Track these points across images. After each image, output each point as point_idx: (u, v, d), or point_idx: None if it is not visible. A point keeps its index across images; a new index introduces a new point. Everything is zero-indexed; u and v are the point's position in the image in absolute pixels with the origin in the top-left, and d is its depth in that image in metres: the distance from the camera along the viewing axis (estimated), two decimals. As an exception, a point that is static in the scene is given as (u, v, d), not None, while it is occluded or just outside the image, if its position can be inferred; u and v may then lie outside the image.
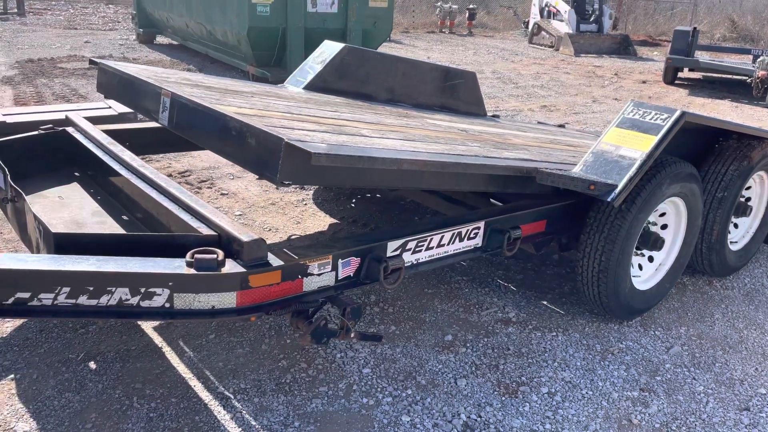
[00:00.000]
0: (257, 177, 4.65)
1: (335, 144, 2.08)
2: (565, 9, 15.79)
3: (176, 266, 1.78)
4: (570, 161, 2.90)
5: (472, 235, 2.47)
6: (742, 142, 3.16)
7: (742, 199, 3.37)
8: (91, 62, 3.23)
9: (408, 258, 2.26)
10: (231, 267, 1.82)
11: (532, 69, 11.83)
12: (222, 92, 2.82)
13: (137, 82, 2.77)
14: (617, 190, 2.43)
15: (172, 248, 1.88)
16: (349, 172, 2.06)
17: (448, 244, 2.40)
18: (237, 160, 2.11)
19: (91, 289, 1.72)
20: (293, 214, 3.95)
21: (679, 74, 10.96)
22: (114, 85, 3.04)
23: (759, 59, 9.33)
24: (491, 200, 3.15)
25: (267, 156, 1.89)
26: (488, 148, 2.95)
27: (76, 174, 2.86)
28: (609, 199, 2.43)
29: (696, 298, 3.20)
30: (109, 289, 1.73)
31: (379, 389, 2.34)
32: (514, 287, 3.18)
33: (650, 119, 2.63)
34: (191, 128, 2.36)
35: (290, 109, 2.77)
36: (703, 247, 3.17)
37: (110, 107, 5.12)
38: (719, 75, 10.97)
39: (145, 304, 1.76)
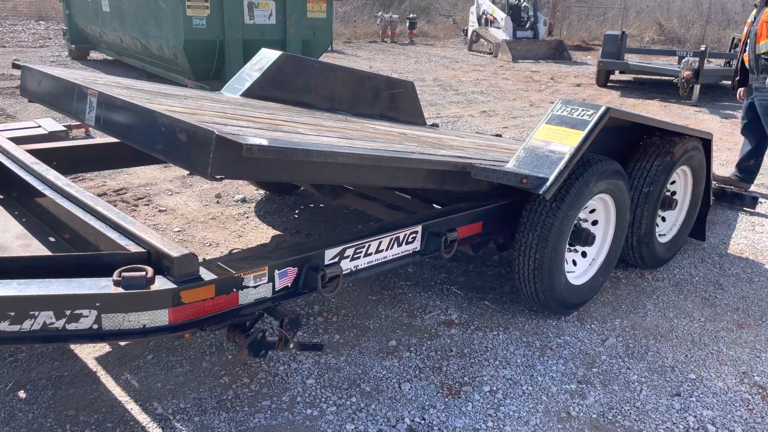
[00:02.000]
0: (188, 173, 4.58)
1: (269, 138, 2.06)
2: (501, 17, 16.22)
3: (103, 286, 1.72)
4: (504, 160, 2.98)
5: (410, 240, 2.50)
6: (664, 139, 3.31)
7: (668, 193, 3.53)
8: (15, 65, 3.12)
9: (347, 265, 2.27)
10: (161, 284, 1.78)
11: (472, 76, 12.07)
12: (154, 94, 2.77)
13: (62, 82, 2.68)
14: (548, 183, 2.51)
15: (99, 268, 1.82)
16: (284, 166, 2.04)
17: (387, 250, 2.42)
18: (168, 157, 2.06)
19: (12, 314, 1.65)
20: (234, 228, 3.90)
21: (611, 77, 11.40)
22: (39, 87, 2.94)
23: (684, 60, 9.80)
24: (434, 206, 3.19)
25: (198, 151, 1.85)
26: (426, 148, 2.99)
27: (0, 196, 2.75)
28: (540, 192, 2.50)
29: (629, 291, 3.32)
30: (31, 313, 1.66)
31: (323, 399, 2.33)
32: (457, 289, 3.22)
33: (577, 115, 2.73)
34: (119, 127, 2.29)
35: (225, 110, 2.74)
36: (633, 240, 3.30)
37: (40, 126, 4.95)
38: (648, 76, 11.47)
39: (71, 326, 1.70)
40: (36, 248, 2.31)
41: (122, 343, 2.57)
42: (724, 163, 6.08)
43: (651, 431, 2.26)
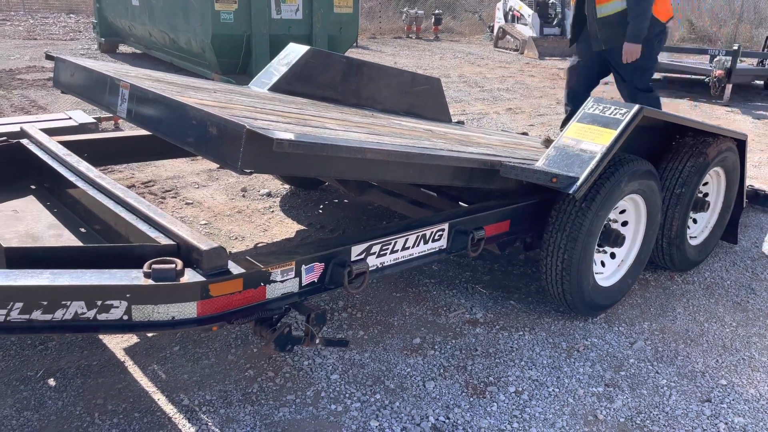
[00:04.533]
0: (219, 166, 4.62)
1: (299, 133, 2.06)
2: (528, 13, 16.04)
3: (133, 277, 1.74)
4: (533, 158, 2.94)
5: (436, 237, 2.48)
6: (698, 139, 3.24)
7: (700, 195, 3.46)
8: (48, 56, 3.17)
9: (373, 262, 2.26)
10: (190, 276, 1.79)
11: (497, 72, 11.97)
12: (184, 87, 2.79)
13: (95, 74, 2.71)
14: (578, 183, 2.47)
15: (130, 259, 1.84)
16: (313, 161, 2.04)
17: (413, 247, 2.40)
18: (198, 150, 2.07)
19: (45, 303, 1.67)
20: (260, 222, 3.92)
21: (640, 75, 11.17)
22: (71, 79, 2.98)
23: (716, 59, 9.58)
24: (460, 203, 3.17)
25: (228, 144, 1.86)
26: (453, 145, 2.97)
27: (32, 187, 2.79)
28: (571, 192, 2.47)
29: (658, 294, 3.26)
30: (63, 303, 1.68)
31: (347, 395, 2.32)
32: (482, 288, 3.20)
33: (610, 114, 2.69)
34: (150, 120, 2.31)
35: (254, 104, 2.75)
36: (663, 242, 3.23)
37: (70, 118, 5.04)
38: (678, 75, 11.24)
39: (102, 317, 1.72)
40: (67, 239, 2.35)
41: (149, 335, 2.60)
42: (757, 165, 5.95)
43: (680, 437, 2.21)
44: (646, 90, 4.66)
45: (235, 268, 1.88)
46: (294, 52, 3.89)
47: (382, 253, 2.29)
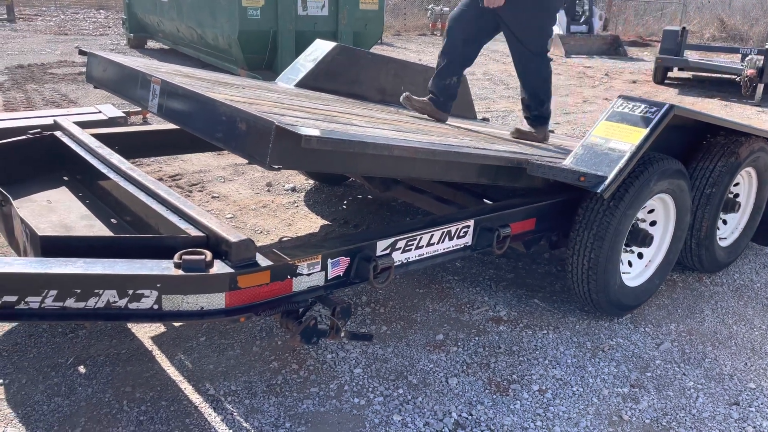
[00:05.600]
0: (247, 162, 4.67)
1: (327, 129, 2.08)
2: (555, 10, 15.85)
3: (164, 267, 1.77)
4: (560, 157, 2.92)
5: (461, 234, 2.47)
6: (729, 139, 3.18)
7: (731, 195, 3.39)
8: (81, 52, 3.24)
9: (398, 257, 2.26)
10: (219, 268, 1.82)
11: (523, 70, 11.85)
12: (212, 83, 2.83)
13: (127, 70, 2.76)
14: (606, 182, 2.44)
15: (160, 250, 1.88)
16: (340, 157, 2.05)
17: (438, 243, 2.40)
18: (227, 145, 2.10)
19: (79, 291, 1.71)
20: (284, 217, 3.95)
21: (669, 74, 11.01)
22: (103, 74, 3.04)
23: (747, 58, 9.38)
24: (484, 200, 3.16)
25: (257, 140, 1.88)
26: (479, 142, 2.96)
27: (65, 178, 2.85)
28: (598, 191, 2.44)
29: (686, 295, 3.21)
30: (96, 291, 1.72)
31: (370, 389, 2.34)
32: (505, 286, 3.18)
33: (639, 113, 2.65)
34: (180, 115, 2.35)
35: (281, 100, 2.77)
36: (692, 243, 3.18)
37: (100, 112, 5.13)
38: (709, 74, 11.03)
39: (133, 305, 1.76)
40: (99, 229, 2.40)
41: (176, 324, 2.64)
42: (789, 166, 5.80)
43: (707, 440, 2.18)
44: (542, 54, 3.97)
45: (263, 261, 1.90)
46: (320, 48, 3.91)
47: (407, 248, 2.29)
